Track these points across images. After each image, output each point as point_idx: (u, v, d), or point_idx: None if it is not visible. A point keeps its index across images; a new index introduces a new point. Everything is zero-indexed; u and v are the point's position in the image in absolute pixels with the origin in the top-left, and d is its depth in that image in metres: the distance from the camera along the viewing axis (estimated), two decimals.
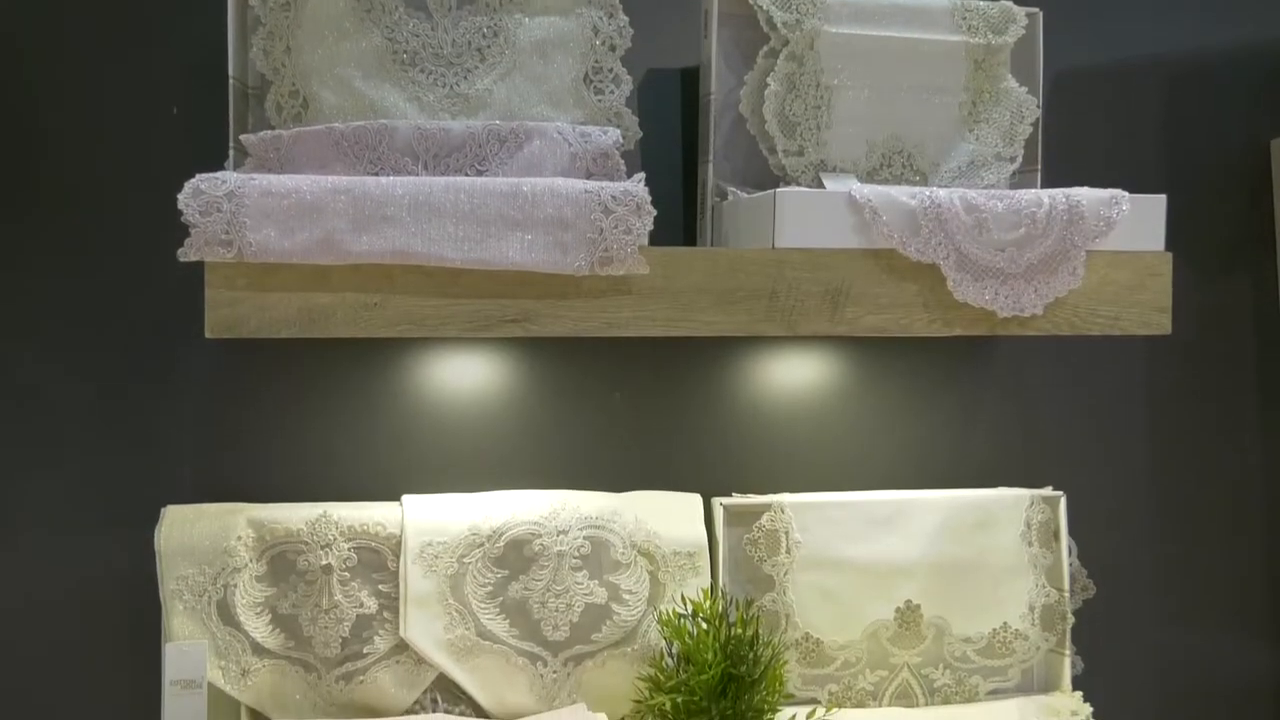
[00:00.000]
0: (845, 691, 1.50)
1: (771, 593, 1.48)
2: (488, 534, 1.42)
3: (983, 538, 1.53)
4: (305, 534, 1.40)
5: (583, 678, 1.43)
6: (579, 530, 1.44)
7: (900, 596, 1.51)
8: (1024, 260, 1.33)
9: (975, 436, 1.65)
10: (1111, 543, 1.68)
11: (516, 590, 1.42)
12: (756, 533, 1.49)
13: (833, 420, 1.61)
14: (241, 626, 1.38)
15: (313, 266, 1.20)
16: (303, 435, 1.50)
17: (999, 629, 1.53)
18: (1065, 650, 1.55)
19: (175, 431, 1.47)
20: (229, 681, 1.37)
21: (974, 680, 1.54)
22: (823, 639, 1.48)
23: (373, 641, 1.40)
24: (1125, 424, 1.71)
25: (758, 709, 1.29)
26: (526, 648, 1.42)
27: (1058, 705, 1.51)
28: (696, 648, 1.30)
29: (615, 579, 1.44)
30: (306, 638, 1.39)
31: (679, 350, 1.55)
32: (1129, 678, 1.70)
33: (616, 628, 1.43)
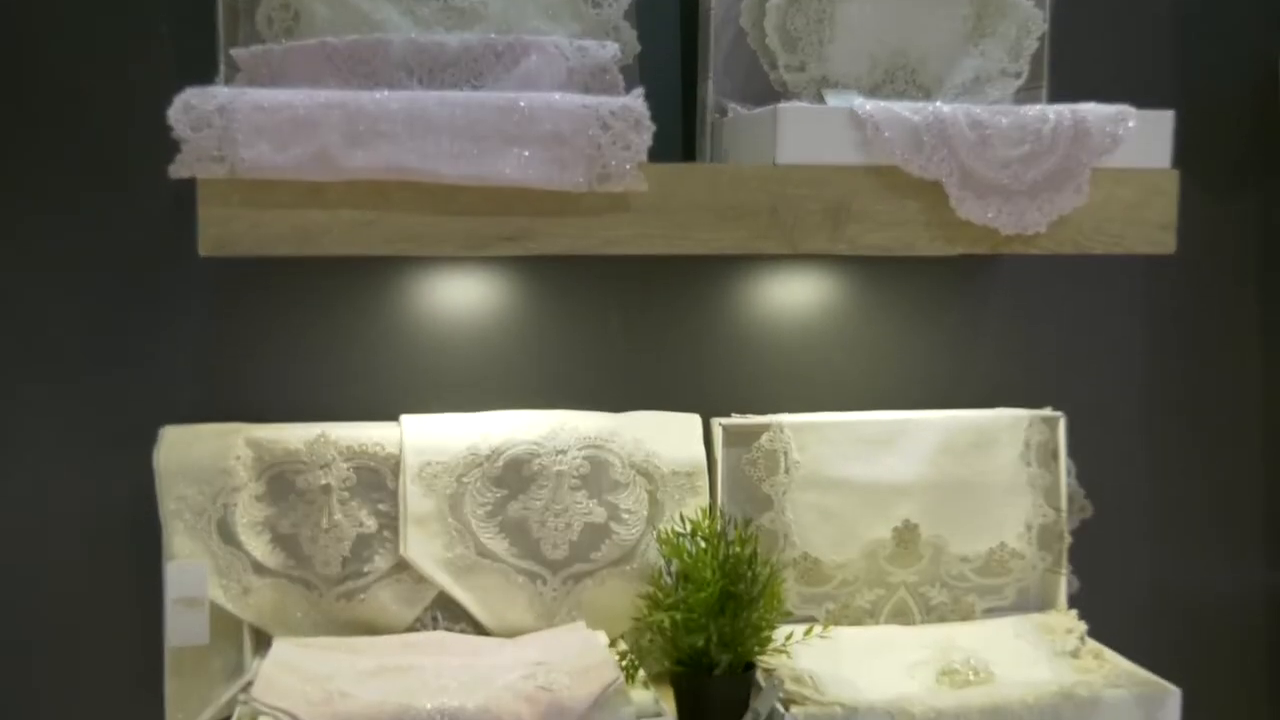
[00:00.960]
0: (843, 610, 1.51)
1: (770, 512, 1.49)
2: (486, 454, 1.42)
3: (981, 458, 1.53)
4: (304, 454, 1.40)
5: (582, 596, 1.44)
6: (578, 450, 1.44)
7: (898, 516, 1.51)
8: (1028, 177, 1.31)
9: (975, 357, 1.65)
10: (1110, 463, 1.69)
11: (516, 509, 1.43)
12: (755, 453, 1.49)
13: (832, 340, 1.60)
14: (242, 545, 1.38)
15: (307, 183, 1.18)
16: (300, 356, 1.49)
17: (996, 548, 1.54)
18: (1062, 570, 1.56)
19: (172, 352, 1.47)
20: (230, 599, 1.38)
21: (970, 599, 1.55)
22: (821, 558, 1.49)
23: (373, 560, 1.40)
24: (1126, 345, 1.70)
25: (756, 626, 1.29)
26: (526, 566, 1.43)
27: (1053, 623, 1.52)
28: (695, 566, 1.31)
29: (614, 498, 1.44)
30: (307, 556, 1.40)
31: (678, 269, 1.54)
32: (1125, 597, 1.71)
33: (615, 547, 1.44)
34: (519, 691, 1.22)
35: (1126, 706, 1.32)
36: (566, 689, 1.22)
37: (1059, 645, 1.47)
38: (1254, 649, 1.77)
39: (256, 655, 1.38)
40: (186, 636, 1.36)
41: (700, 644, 1.27)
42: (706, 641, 1.27)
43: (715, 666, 1.28)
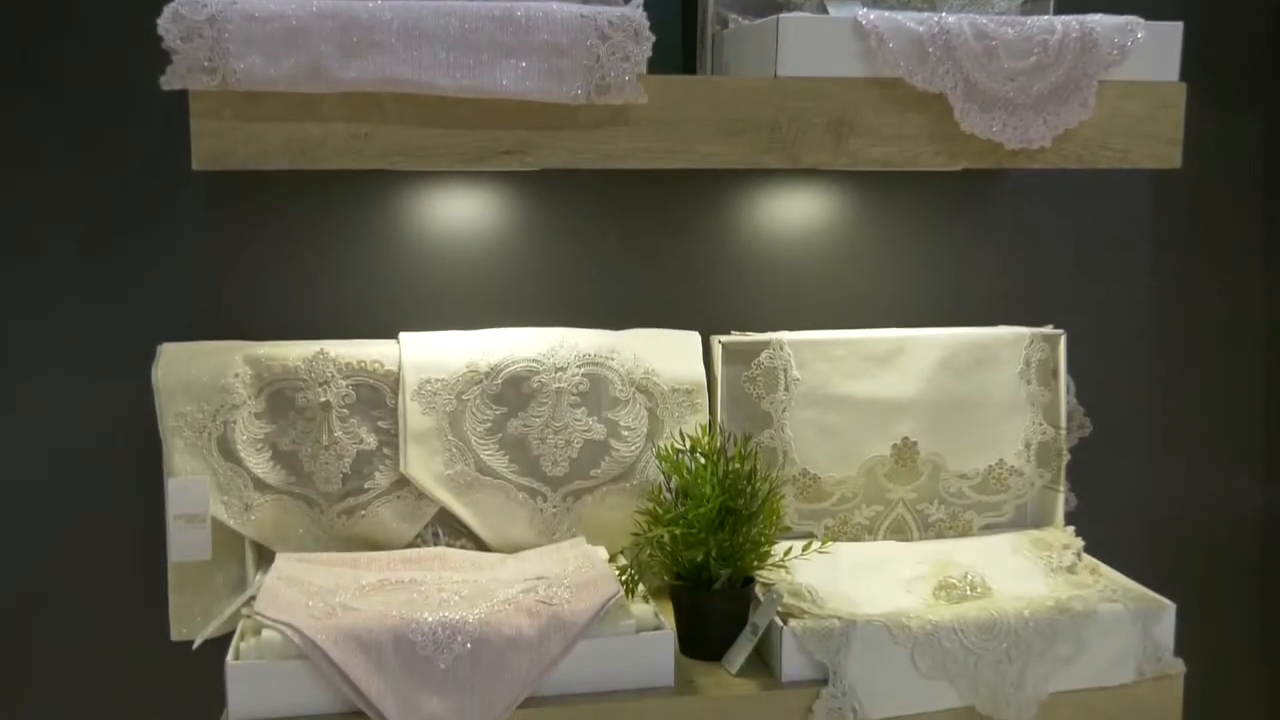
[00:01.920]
0: (841, 526, 1.52)
1: (770, 430, 1.49)
2: (486, 371, 1.42)
3: (981, 375, 1.53)
4: (303, 371, 1.39)
5: (582, 512, 1.45)
6: (577, 367, 1.43)
7: (898, 433, 1.51)
8: (1034, 90, 1.29)
9: (977, 274, 1.64)
10: (1110, 381, 1.68)
11: (515, 427, 1.43)
12: (755, 370, 1.49)
13: (833, 257, 1.59)
14: (242, 462, 1.39)
15: (301, 95, 1.16)
16: (298, 272, 1.48)
17: (995, 465, 1.54)
18: (1060, 486, 1.57)
19: (169, 269, 1.46)
20: (232, 516, 1.39)
21: (968, 515, 1.56)
22: (820, 475, 1.50)
23: (373, 477, 1.41)
24: (1129, 262, 1.69)
25: (755, 541, 1.30)
26: (526, 483, 1.43)
27: (1050, 539, 1.53)
28: (694, 482, 1.31)
29: (614, 416, 1.44)
30: (307, 473, 1.40)
31: (678, 184, 1.52)
32: (1122, 514, 1.72)
33: (615, 463, 1.44)
34: (520, 605, 1.23)
35: (1122, 620, 1.33)
36: (567, 603, 1.23)
37: (1055, 561, 1.48)
38: (1249, 565, 1.79)
39: (259, 570, 1.39)
40: (189, 552, 1.37)
41: (699, 559, 1.28)
42: (706, 556, 1.27)
43: (714, 581, 1.28)
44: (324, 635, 1.17)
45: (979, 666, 1.29)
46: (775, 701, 1.25)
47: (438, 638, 1.18)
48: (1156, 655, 1.34)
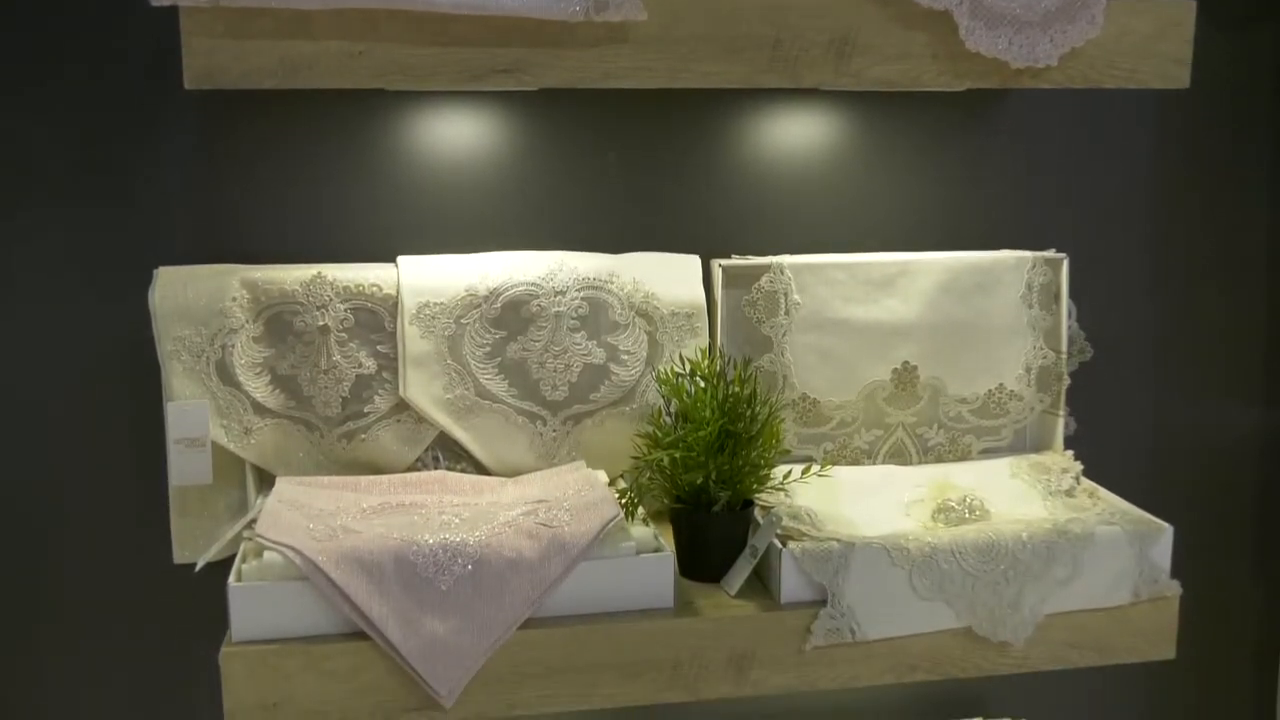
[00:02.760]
0: (841, 450, 1.52)
1: (769, 354, 1.48)
2: (484, 295, 1.41)
3: (983, 299, 1.52)
4: (300, 295, 1.38)
5: (582, 436, 1.45)
6: (576, 291, 1.42)
7: (898, 358, 1.51)
8: (1041, 6, 1.27)
9: (979, 196, 1.62)
10: (1112, 306, 1.68)
11: (515, 351, 1.42)
12: (755, 294, 1.48)
13: (835, 179, 1.58)
14: (241, 386, 1.38)
15: (292, 12, 1.14)
16: (294, 195, 1.47)
17: (994, 390, 1.54)
18: (1059, 411, 1.57)
19: (164, 192, 1.44)
20: (232, 440, 1.39)
21: (967, 440, 1.56)
22: (820, 399, 1.50)
23: (373, 401, 1.41)
24: (1133, 185, 1.68)
25: (754, 465, 1.30)
26: (526, 407, 1.43)
27: (1049, 463, 1.53)
28: (694, 405, 1.31)
29: (613, 340, 1.44)
30: (307, 397, 1.40)
31: (678, 104, 1.50)
32: (1120, 439, 1.72)
33: (615, 388, 1.44)
34: (520, 528, 1.24)
35: (1119, 543, 1.33)
36: (567, 525, 1.24)
37: (1054, 484, 1.48)
38: (1247, 489, 1.79)
39: (260, 494, 1.39)
40: (189, 476, 1.37)
41: (699, 481, 1.28)
42: (705, 479, 1.28)
43: (714, 504, 1.29)
44: (325, 557, 1.18)
45: (976, 588, 1.30)
46: (774, 622, 1.26)
47: (438, 560, 1.19)
48: (1153, 577, 1.35)
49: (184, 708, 1.55)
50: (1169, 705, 1.82)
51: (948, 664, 1.31)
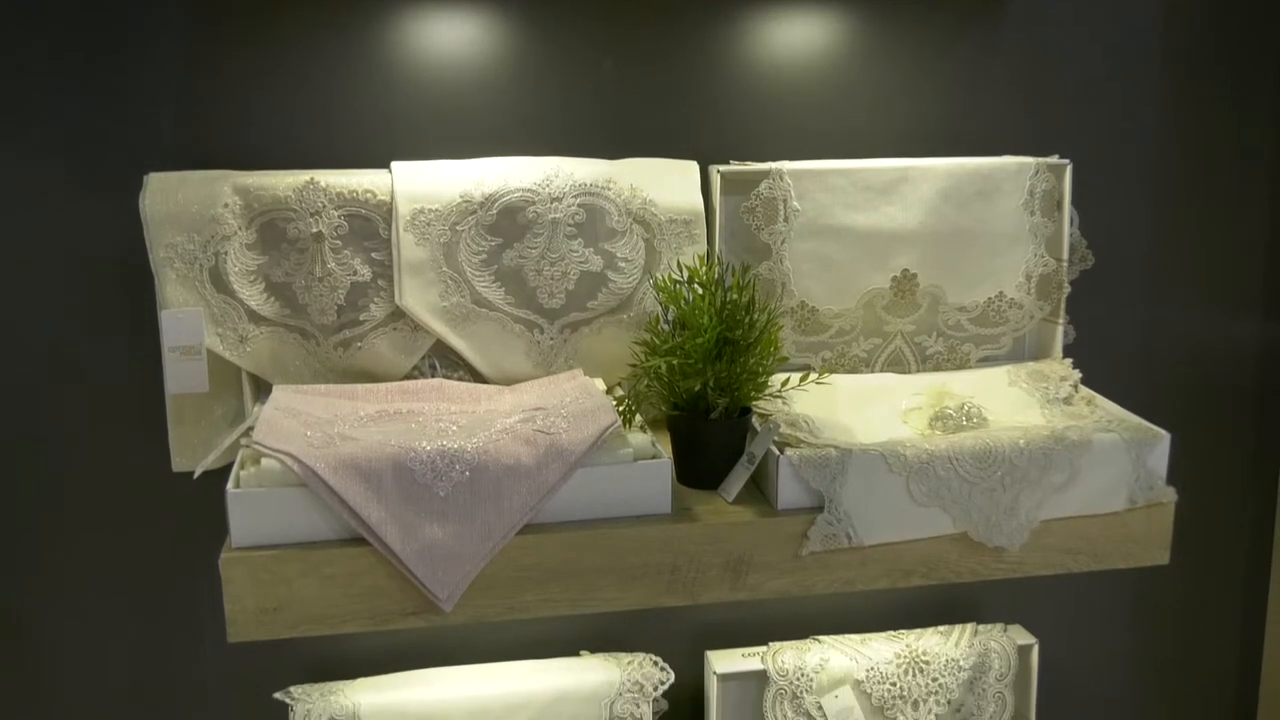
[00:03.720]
0: (839, 359, 1.52)
1: (768, 261, 1.47)
2: (480, 201, 1.39)
3: (984, 206, 1.50)
4: (293, 201, 1.37)
5: (579, 344, 1.44)
6: (573, 198, 1.41)
7: (897, 265, 1.50)
8: None
9: (982, 102, 1.59)
10: (1114, 214, 1.66)
11: (511, 258, 1.41)
12: (754, 201, 1.46)
13: (835, 84, 1.55)
14: (236, 294, 1.37)
15: None
16: (285, 100, 1.44)
17: (994, 298, 1.53)
18: (1059, 319, 1.56)
19: (153, 96, 1.41)
20: (227, 348, 1.38)
21: (966, 348, 1.55)
22: (818, 307, 1.49)
23: (368, 309, 1.40)
24: (1138, 92, 1.65)
25: (752, 372, 1.29)
26: (523, 315, 1.42)
27: (1047, 371, 1.53)
28: (692, 313, 1.30)
29: (611, 247, 1.42)
30: (302, 305, 1.39)
31: (676, 8, 1.47)
32: (1119, 347, 1.72)
33: (612, 295, 1.43)
34: (518, 435, 1.23)
35: (1116, 450, 1.34)
36: (564, 432, 1.24)
37: (1052, 392, 1.48)
38: (1244, 398, 1.79)
39: (257, 402, 1.39)
40: (186, 384, 1.37)
41: (697, 389, 1.27)
42: (703, 386, 1.27)
43: (712, 410, 1.29)
44: (323, 464, 1.17)
45: (973, 494, 1.30)
46: (771, 528, 1.27)
47: (436, 466, 1.19)
48: (1149, 484, 1.35)
49: (186, 614, 1.57)
50: (1161, 611, 1.85)
51: (943, 569, 1.32)
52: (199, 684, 1.60)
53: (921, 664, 1.62)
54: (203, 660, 1.59)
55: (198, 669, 1.60)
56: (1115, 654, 1.85)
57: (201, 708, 1.61)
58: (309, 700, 1.50)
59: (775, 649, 1.62)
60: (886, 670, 1.62)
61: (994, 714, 1.65)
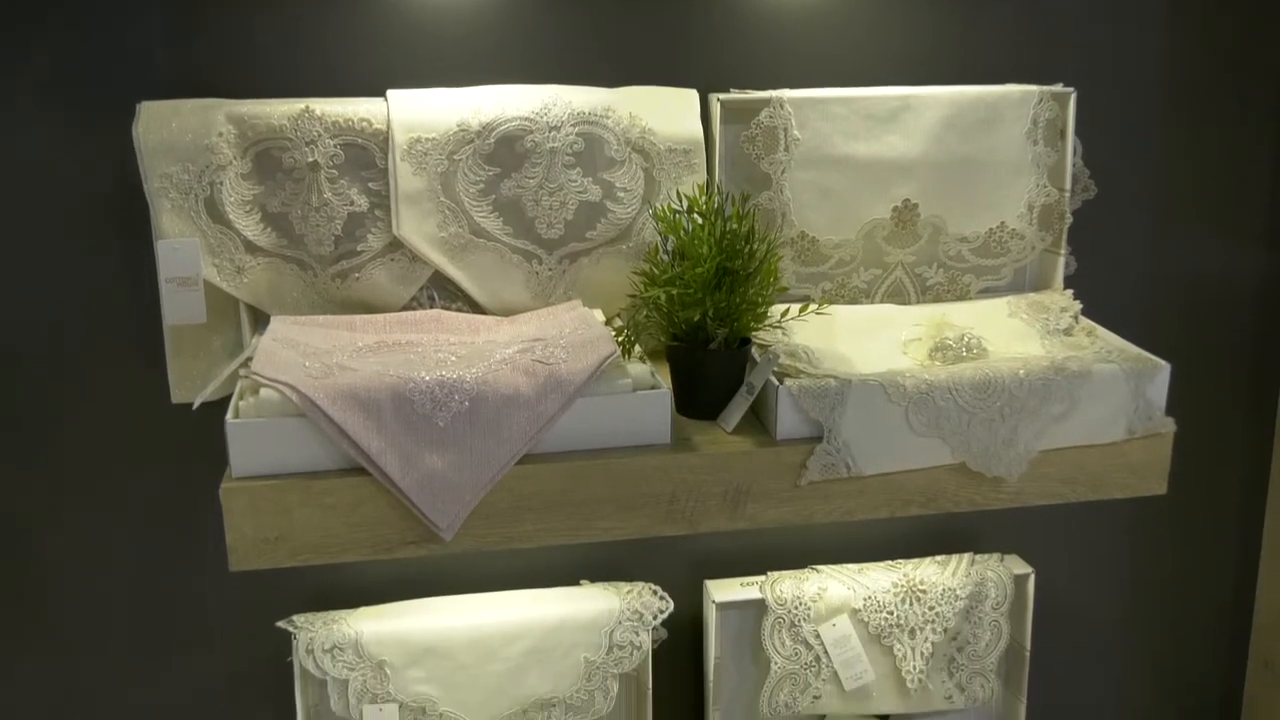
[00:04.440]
0: (839, 290, 1.51)
1: (768, 191, 1.46)
2: (477, 130, 1.38)
3: (987, 135, 1.49)
4: (288, 130, 1.35)
5: (578, 275, 1.44)
6: (571, 126, 1.39)
7: (899, 195, 1.48)
8: None
9: (986, 28, 1.57)
10: (1118, 143, 1.64)
11: (509, 188, 1.40)
12: (754, 129, 1.45)
13: (837, 10, 1.52)
14: (232, 224, 1.36)
15: None
16: (280, 27, 1.41)
17: (996, 228, 1.52)
18: (1060, 250, 1.55)
19: (147, 25, 1.39)
20: (224, 278, 1.37)
21: (966, 279, 1.55)
22: (818, 237, 1.48)
23: (366, 239, 1.39)
24: (1143, 20, 1.62)
25: (752, 302, 1.29)
26: (521, 245, 1.41)
27: (1048, 302, 1.52)
28: (692, 243, 1.29)
29: (609, 176, 1.41)
30: (298, 236, 1.38)
31: None
32: (1120, 279, 1.71)
33: (611, 225, 1.42)
34: (517, 365, 1.23)
35: (1116, 380, 1.34)
36: (564, 362, 1.23)
37: (1052, 323, 1.48)
38: (1245, 330, 1.79)
39: (255, 333, 1.38)
40: (183, 315, 1.36)
41: (696, 319, 1.27)
42: (703, 316, 1.27)
43: (711, 341, 1.28)
44: (322, 394, 1.17)
45: (972, 424, 1.30)
46: (770, 457, 1.27)
47: (435, 396, 1.19)
48: (1148, 414, 1.35)
49: (189, 545, 1.58)
50: (1157, 541, 1.86)
51: (942, 499, 1.32)
52: (202, 614, 1.62)
53: (918, 593, 1.64)
54: (206, 590, 1.60)
55: (201, 599, 1.61)
56: (1111, 584, 1.87)
57: (205, 637, 1.63)
58: (311, 628, 1.52)
59: (773, 578, 1.63)
60: (884, 599, 1.63)
61: (990, 642, 1.67)
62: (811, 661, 1.62)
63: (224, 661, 1.64)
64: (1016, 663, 1.70)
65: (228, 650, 1.64)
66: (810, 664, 1.62)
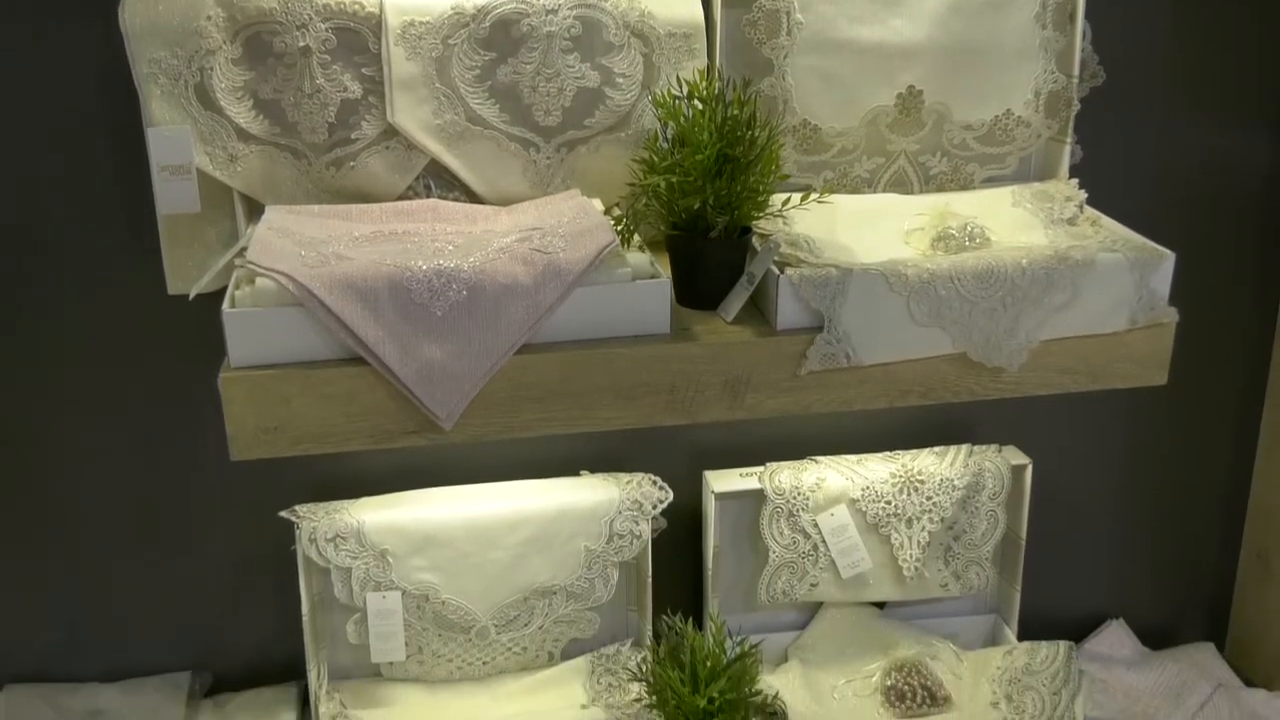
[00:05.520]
0: (841, 179, 1.49)
1: (770, 77, 1.43)
2: (472, 13, 1.34)
3: (994, 18, 1.45)
4: (279, 13, 1.32)
5: (576, 163, 1.42)
6: (569, 10, 1.35)
7: (903, 82, 1.45)
8: None
9: None
10: (1127, 28, 1.60)
11: (505, 74, 1.37)
12: (756, 13, 1.41)
13: None
14: (223, 111, 1.34)
15: None
16: None
17: (1001, 116, 1.49)
18: (1066, 138, 1.52)
19: None
20: (217, 167, 1.35)
21: (970, 168, 1.52)
22: (821, 125, 1.45)
23: (360, 127, 1.36)
24: None
25: (753, 190, 1.27)
26: (518, 133, 1.39)
27: (1052, 191, 1.50)
28: (692, 129, 1.26)
29: (608, 62, 1.38)
30: (292, 123, 1.35)
31: None
32: (1126, 169, 1.69)
33: (610, 112, 1.39)
34: (515, 254, 1.22)
35: (1119, 270, 1.32)
36: (562, 251, 1.22)
37: (1057, 213, 1.46)
38: (1251, 221, 1.77)
39: (250, 223, 1.37)
40: (176, 204, 1.34)
41: (696, 206, 1.25)
42: (703, 204, 1.25)
43: (711, 229, 1.27)
44: (319, 283, 1.16)
45: (974, 314, 1.29)
46: (770, 347, 1.26)
47: (433, 286, 1.18)
48: (1151, 304, 1.34)
49: (191, 437, 1.58)
50: (1154, 433, 1.86)
51: (941, 389, 1.32)
52: (206, 505, 1.63)
53: (916, 483, 1.65)
54: (209, 482, 1.61)
55: (204, 491, 1.62)
56: (1107, 475, 1.88)
57: (209, 528, 1.65)
58: (314, 518, 1.53)
59: (772, 469, 1.64)
60: (881, 489, 1.65)
61: (986, 531, 1.69)
62: (809, 550, 1.64)
63: (229, 552, 1.66)
64: (1012, 551, 1.72)
65: (233, 541, 1.65)
66: (808, 553, 1.64)
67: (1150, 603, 1.97)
